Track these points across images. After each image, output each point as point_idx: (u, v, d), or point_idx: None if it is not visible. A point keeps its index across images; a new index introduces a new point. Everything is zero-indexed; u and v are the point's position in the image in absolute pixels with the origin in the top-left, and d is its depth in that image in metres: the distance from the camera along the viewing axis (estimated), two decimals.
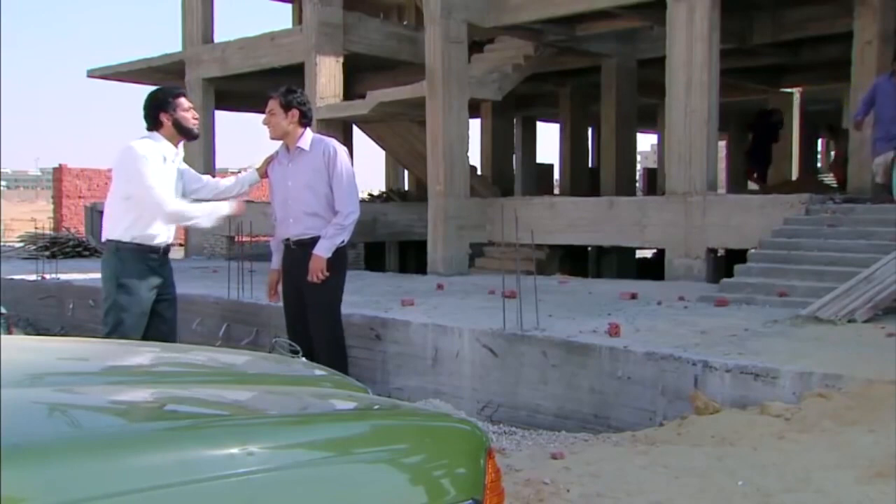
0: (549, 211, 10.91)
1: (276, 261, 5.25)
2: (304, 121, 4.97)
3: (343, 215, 4.93)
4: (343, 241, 4.99)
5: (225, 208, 4.81)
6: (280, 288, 5.27)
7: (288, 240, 5.07)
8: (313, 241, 4.93)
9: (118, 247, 4.55)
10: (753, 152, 15.36)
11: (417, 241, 12.95)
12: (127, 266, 4.52)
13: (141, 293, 4.54)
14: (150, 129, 4.63)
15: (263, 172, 5.15)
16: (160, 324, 4.65)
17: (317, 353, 4.74)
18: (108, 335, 4.48)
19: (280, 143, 5.09)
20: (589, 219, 10.49)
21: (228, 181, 5.19)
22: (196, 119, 4.74)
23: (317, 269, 4.87)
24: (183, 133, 4.65)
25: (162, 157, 4.56)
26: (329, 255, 4.89)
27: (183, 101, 4.66)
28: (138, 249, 4.53)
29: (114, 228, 4.58)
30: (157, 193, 4.48)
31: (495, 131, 16.65)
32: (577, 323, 6.06)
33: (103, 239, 4.69)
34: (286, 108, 4.90)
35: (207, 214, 4.74)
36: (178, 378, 2.19)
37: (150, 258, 4.56)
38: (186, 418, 1.75)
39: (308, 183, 4.94)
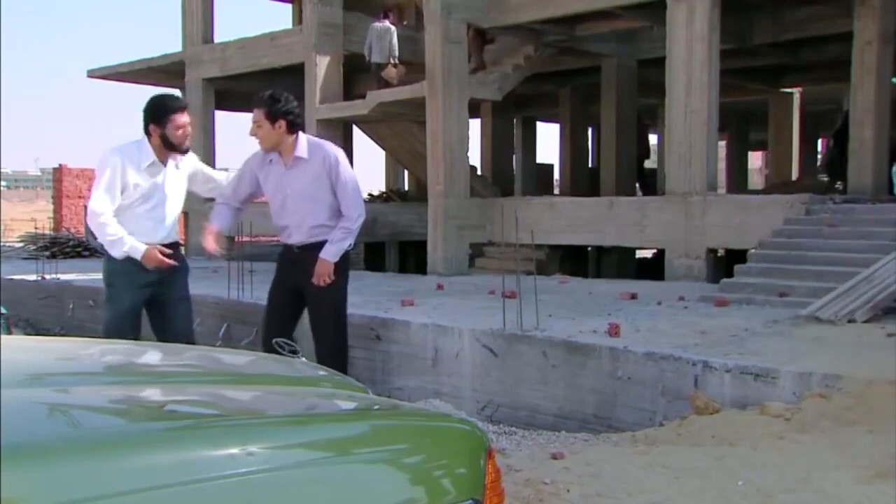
0: (549, 211, 10.91)
1: (215, 219, 4.93)
2: (294, 129, 4.78)
3: (351, 219, 4.85)
4: (350, 245, 4.94)
5: (138, 253, 4.46)
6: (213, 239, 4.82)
7: (292, 245, 4.99)
8: (318, 244, 4.84)
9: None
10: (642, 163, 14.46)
11: (417, 241, 12.94)
12: (112, 265, 4.56)
13: (126, 292, 4.53)
14: (144, 132, 4.60)
15: None
16: (162, 323, 4.65)
17: (319, 355, 4.71)
18: (102, 334, 4.53)
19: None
20: (589, 219, 10.49)
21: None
22: (187, 135, 4.62)
23: (324, 273, 4.78)
24: (169, 148, 4.59)
25: (136, 164, 4.50)
26: (337, 259, 4.83)
27: (177, 118, 4.51)
28: None
29: None
30: (93, 194, 4.47)
31: (495, 131, 16.65)
32: (577, 323, 6.06)
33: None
34: (272, 119, 4.70)
35: (117, 241, 4.44)
36: (178, 378, 2.19)
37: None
38: (186, 418, 1.75)
39: (309, 193, 4.82)
